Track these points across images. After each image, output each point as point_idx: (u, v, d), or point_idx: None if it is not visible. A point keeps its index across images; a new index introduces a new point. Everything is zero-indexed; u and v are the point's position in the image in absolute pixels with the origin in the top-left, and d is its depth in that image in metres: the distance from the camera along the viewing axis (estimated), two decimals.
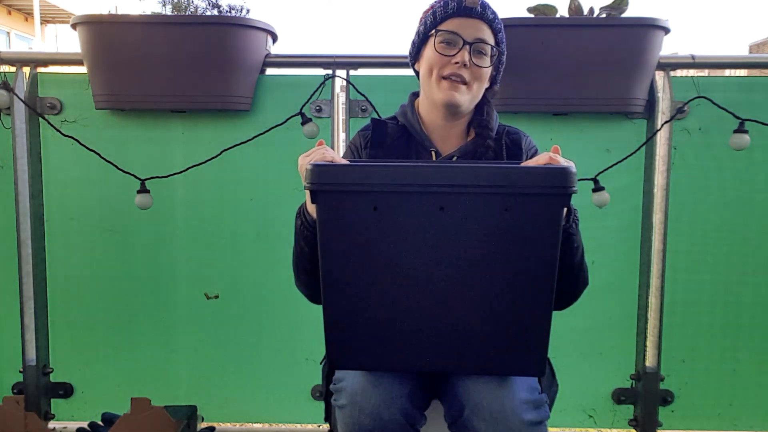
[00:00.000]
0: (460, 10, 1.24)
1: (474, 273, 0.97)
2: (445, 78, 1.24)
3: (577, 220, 1.14)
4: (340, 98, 1.91)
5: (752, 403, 1.96)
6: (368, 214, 0.96)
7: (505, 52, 1.32)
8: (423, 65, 1.29)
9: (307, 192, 1.10)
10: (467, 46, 1.23)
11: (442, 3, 1.27)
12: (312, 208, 1.12)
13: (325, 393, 1.27)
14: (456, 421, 1.08)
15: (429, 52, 1.27)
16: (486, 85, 1.30)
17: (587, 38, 1.74)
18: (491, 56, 1.26)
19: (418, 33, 1.31)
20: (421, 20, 1.31)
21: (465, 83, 1.24)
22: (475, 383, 1.06)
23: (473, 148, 1.29)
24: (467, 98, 1.25)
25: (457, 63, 1.23)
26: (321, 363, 1.38)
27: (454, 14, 1.24)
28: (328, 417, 1.29)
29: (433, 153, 1.31)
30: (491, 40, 1.26)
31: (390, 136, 1.32)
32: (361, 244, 0.97)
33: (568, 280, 1.15)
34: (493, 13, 1.26)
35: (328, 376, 1.24)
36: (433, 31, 1.26)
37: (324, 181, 0.96)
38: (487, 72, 1.27)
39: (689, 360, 1.95)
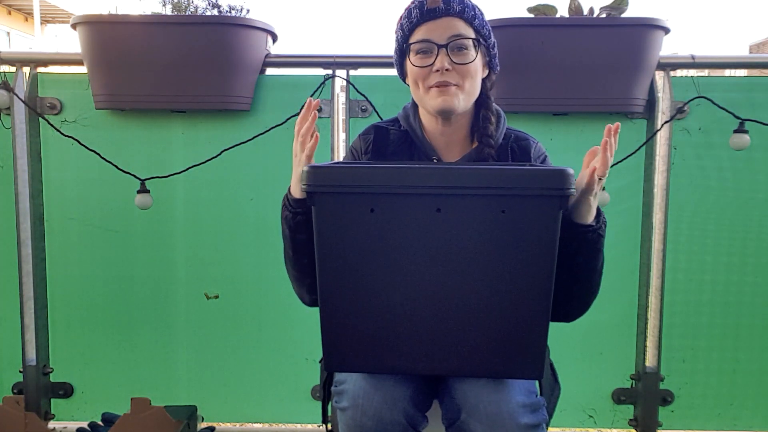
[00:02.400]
0: (424, 15, 1.19)
1: (471, 275, 0.97)
2: (432, 87, 1.20)
3: (606, 223, 1.11)
4: (340, 98, 1.91)
5: (752, 403, 1.96)
6: (365, 215, 0.96)
7: (491, 35, 1.25)
8: (409, 80, 1.25)
9: (295, 166, 1.12)
10: (442, 50, 1.17)
11: (406, 13, 1.22)
12: (296, 189, 1.12)
13: (322, 396, 1.27)
14: (453, 423, 1.08)
15: (409, 66, 1.23)
16: (483, 75, 1.25)
17: (587, 38, 1.74)
18: (475, 47, 1.20)
19: (395, 50, 1.27)
20: (395, 35, 1.27)
21: (454, 85, 1.19)
22: (472, 386, 1.06)
23: (477, 156, 1.24)
24: (461, 98, 1.20)
25: (437, 70, 1.18)
26: (320, 362, 1.38)
27: (419, 22, 1.19)
28: (325, 419, 1.29)
29: (435, 162, 1.26)
30: (467, 32, 1.19)
31: (392, 143, 1.29)
32: (357, 245, 0.97)
33: (588, 287, 1.12)
34: (460, 3, 1.19)
35: (325, 379, 1.24)
36: (405, 45, 1.22)
37: (321, 182, 0.96)
38: (475, 66, 1.20)
39: (689, 360, 1.95)
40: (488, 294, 0.97)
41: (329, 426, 1.29)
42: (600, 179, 1.03)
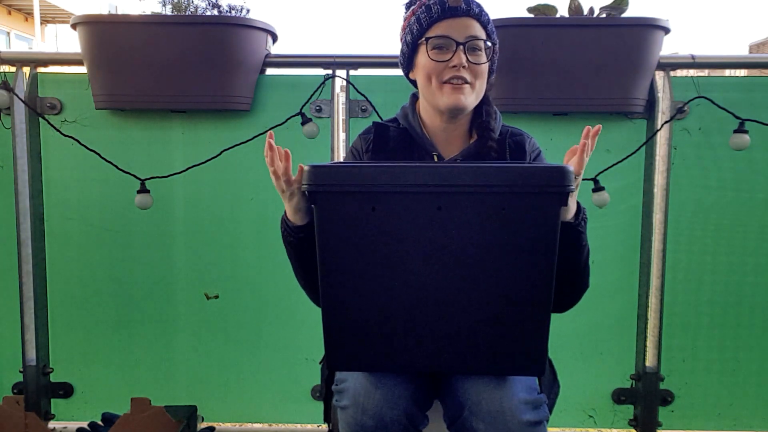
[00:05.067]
0: (445, 12, 1.22)
1: (472, 273, 0.97)
2: (446, 82, 1.22)
3: (586, 219, 1.13)
4: (340, 98, 1.91)
5: (752, 403, 1.96)
6: (366, 214, 0.96)
7: (497, 43, 1.28)
8: (419, 74, 1.26)
9: (286, 201, 1.11)
10: (461, 47, 1.20)
11: (424, 8, 1.24)
12: (292, 215, 1.13)
13: (324, 394, 1.27)
14: (455, 421, 1.08)
15: (423, 60, 1.24)
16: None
17: (587, 38, 1.74)
18: (486, 49, 1.24)
19: (406, 43, 1.28)
20: (404, 28, 1.29)
21: (467, 83, 1.22)
22: (474, 383, 1.06)
23: (476, 150, 1.27)
24: (472, 98, 1.23)
25: (454, 66, 1.20)
26: (320, 363, 1.38)
27: (439, 17, 1.22)
28: (327, 418, 1.29)
29: (435, 157, 1.29)
30: (482, 35, 1.23)
31: (392, 140, 1.30)
32: (359, 244, 0.97)
33: (573, 281, 1.14)
34: (478, 6, 1.24)
35: (327, 377, 1.24)
36: (423, 39, 1.23)
37: (322, 181, 0.96)
38: (486, 67, 1.24)
39: (689, 360, 1.95)
40: (489, 291, 0.98)
41: (330, 426, 1.29)
42: (576, 177, 1.04)
